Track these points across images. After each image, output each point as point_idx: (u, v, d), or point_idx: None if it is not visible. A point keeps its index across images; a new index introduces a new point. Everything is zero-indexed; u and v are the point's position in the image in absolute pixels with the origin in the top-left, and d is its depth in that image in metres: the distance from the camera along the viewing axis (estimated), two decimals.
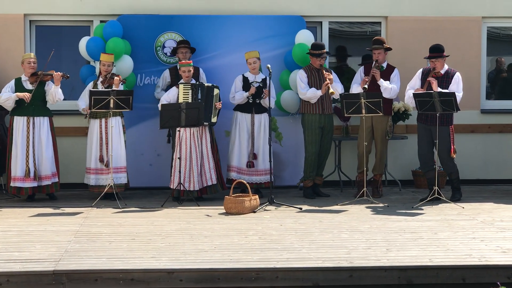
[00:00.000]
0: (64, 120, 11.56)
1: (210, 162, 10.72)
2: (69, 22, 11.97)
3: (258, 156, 11.00)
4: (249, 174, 10.98)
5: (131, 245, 7.94)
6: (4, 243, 8.00)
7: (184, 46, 11.18)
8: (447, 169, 10.75)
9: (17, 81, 10.63)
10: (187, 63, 10.71)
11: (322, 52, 10.82)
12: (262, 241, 8.13)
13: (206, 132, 10.72)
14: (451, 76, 10.57)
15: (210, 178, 10.73)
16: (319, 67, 10.88)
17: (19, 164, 10.52)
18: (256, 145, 11.01)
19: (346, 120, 11.77)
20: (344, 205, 10.32)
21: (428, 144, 10.60)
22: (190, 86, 10.64)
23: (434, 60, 10.56)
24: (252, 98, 10.93)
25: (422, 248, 7.75)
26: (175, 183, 10.57)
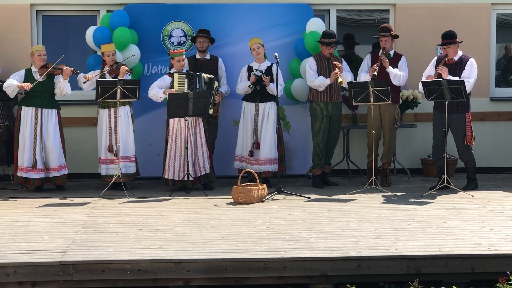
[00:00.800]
0: (71, 110, 11.52)
1: (204, 152, 10.67)
2: (75, 12, 11.93)
3: (260, 145, 10.91)
4: (251, 163, 10.92)
5: (138, 235, 7.91)
6: (12, 234, 7.99)
7: (202, 35, 11.11)
8: (463, 157, 10.63)
9: (27, 71, 10.62)
10: (179, 52, 10.67)
11: (332, 41, 10.75)
12: (270, 230, 8.09)
13: (200, 122, 10.65)
14: (465, 62, 10.48)
15: (203, 167, 10.67)
16: (329, 56, 10.82)
17: (26, 154, 10.50)
18: (259, 134, 10.94)
19: (354, 108, 11.71)
20: (353, 194, 10.26)
21: (442, 132, 10.50)
22: (185, 75, 10.58)
23: (446, 47, 10.47)
24: (253, 86, 10.84)
25: (431, 237, 7.70)
26: (170, 174, 10.51)
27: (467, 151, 10.57)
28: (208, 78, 10.71)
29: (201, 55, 11.20)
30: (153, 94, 10.65)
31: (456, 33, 10.83)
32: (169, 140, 10.56)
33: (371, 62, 11.05)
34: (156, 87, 10.63)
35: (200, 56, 11.21)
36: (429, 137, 11.87)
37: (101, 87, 10.16)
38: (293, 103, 11.65)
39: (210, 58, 11.25)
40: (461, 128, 10.46)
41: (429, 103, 11.17)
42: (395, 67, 10.95)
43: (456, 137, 10.52)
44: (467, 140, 10.44)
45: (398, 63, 11.03)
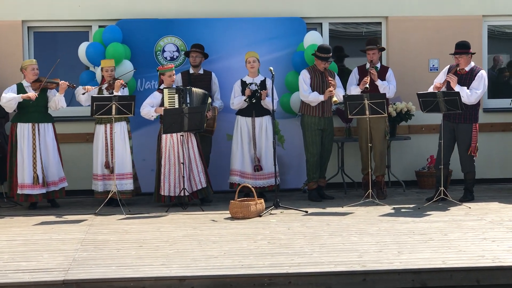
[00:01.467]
0: (65, 127, 11.44)
1: (199, 166, 10.61)
2: (67, 28, 11.88)
3: (260, 160, 10.91)
4: (253, 178, 10.89)
5: (139, 252, 7.85)
6: (11, 252, 7.90)
7: (195, 50, 11.08)
8: (464, 168, 10.63)
9: (19, 86, 10.52)
10: (169, 67, 10.63)
11: (328, 56, 10.74)
12: (271, 245, 8.05)
13: (191, 136, 10.61)
14: (475, 73, 10.50)
15: (199, 181, 10.62)
16: (323, 70, 10.81)
17: (27, 171, 10.40)
18: (258, 149, 10.92)
19: (348, 121, 11.70)
20: (350, 208, 10.24)
21: (449, 142, 10.53)
22: (175, 90, 10.54)
23: (458, 56, 10.49)
24: (249, 99, 10.82)
25: (434, 250, 7.68)
26: (166, 190, 10.46)
27: (469, 163, 10.58)
28: (201, 94, 10.67)
29: (195, 70, 11.17)
30: (145, 113, 10.60)
31: (448, 45, 10.94)
32: (162, 156, 10.50)
33: (358, 75, 11.08)
34: (148, 105, 10.58)
35: (193, 71, 11.18)
36: (423, 149, 11.99)
37: (96, 103, 10.10)
38: (287, 117, 11.64)
39: (203, 73, 11.22)
40: (467, 138, 10.48)
41: (423, 116, 11.22)
42: (382, 79, 10.99)
43: (461, 147, 10.55)
44: (471, 150, 10.45)
45: (385, 75, 11.06)
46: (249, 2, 11.86)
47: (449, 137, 10.52)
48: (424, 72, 12.06)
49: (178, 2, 11.79)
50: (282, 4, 11.90)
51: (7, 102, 10.33)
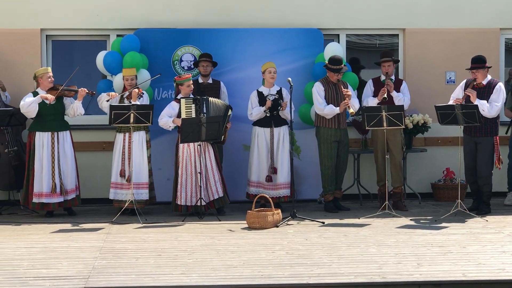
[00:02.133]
0: (82, 135, 11.48)
1: (215, 175, 10.63)
2: (85, 37, 11.94)
3: (277, 170, 10.91)
4: (268, 188, 10.90)
5: (158, 261, 7.85)
6: (30, 260, 7.92)
7: (205, 60, 11.12)
8: (482, 180, 10.64)
9: (35, 94, 10.53)
10: (187, 77, 10.65)
11: (340, 67, 10.76)
12: (290, 256, 8.04)
13: (209, 146, 10.63)
14: (493, 86, 10.53)
15: (216, 191, 10.64)
16: (336, 82, 10.82)
17: (45, 179, 10.42)
18: (275, 159, 10.94)
19: (364, 133, 11.70)
20: (367, 219, 10.24)
21: (473, 155, 10.57)
22: (192, 100, 10.57)
23: (475, 71, 10.52)
24: (269, 111, 10.86)
25: (453, 263, 7.67)
26: (183, 199, 10.47)
27: (487, 175, 10.59)
28: (222, 105, 10.69)
29: (204, 80, 11.19)
30: (163, 124, 10.63)
31: (465, 58, 10.96)
32: (180, 165, 10.52)
33: (374, 87, 11.11)
34: (166, 116, 10.60)
35: (203, 80, 11.20)
36: (439, 161, 12.00)
37: (114, 111, 10.13)
38: (304, 128, 11.65)
39: (212, 82, 11.24)
40: (488, 151, 10.52)
41: (439, 128, 11.21)
42: (397, 91, 11.04)
43: (480, 159, 10.56)
44: (496, 162, 10.47)
45: (400, 88, 11.09)
46: (267, 13, 11.90)
47: (470, 151, 10.54)
48: (441, 85, 12.06)
49: (196, 12, 11.83)
50: (299, 15, 11.93)
51: (28, 107, 10.34)
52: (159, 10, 11.79)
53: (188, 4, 11.85)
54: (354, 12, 12.05)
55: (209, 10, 11.86)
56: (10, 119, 10.72)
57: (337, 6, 12.03)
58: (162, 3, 11.81)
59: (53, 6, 11.67)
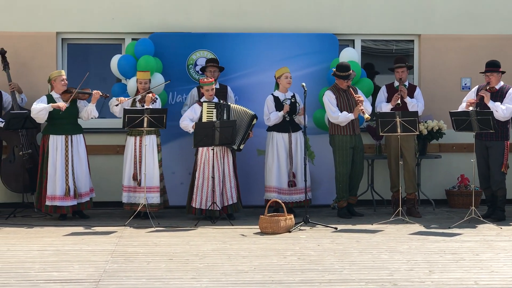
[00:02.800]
0: (96, 138, 11.50)
1: (232, 181, 10.64)
2: (101, 40, 11.96)
3: (296, 175, 10.90)
4: (289, 193, 10.89)
5: (169, 265, 7.85)
6: (42, 262, 7.94)
7: (212, 65, 11.12)
8: (496, 185, 10.59)
9: (49, 97, 10.59)
10: (209, 82, 10.64)
11: (349, 74, 10.72)
12: (301, 261, 8.02)
13: (228, 152, 10.64)
14: (506, 91, 10.51)
15: (231, 197, 10.63)
16: (346, 88, 10.79)
17: (59, 183, 10.45)
18: (294, 164, 10.92)
19: (379, 139, 11.66)
20: (380, 225, 10.20)
21: (485, 160, 10.55)
22: (214, 104, 10.57)
23: (489, 74, 10.51)
24: (288, 115, 10.85)
25: (465, 270, 7.62)
26: (197, 203, 10.47)
27: (499, 179, 10.53)
28: (247, 114, 10.69)
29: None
30: (184, 126, 10.63)
31: (481, 64, 10.89)
32: (197, 169, 10.52)
33: (387, 93, 11.09)
34: (187, 118, 10.61)
35: None
36: (454, 168, 11.93)
37: (128, 115, 10.14)
38: (318, 133, 11.62)
39: (219, 87, 11.22)
40: (500, 155, 10.47)
41: (454, 134, 11.15)
42: (410, 97, 11.02)
43: (493, 164, 10.52)
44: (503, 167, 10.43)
45: (413, 94, 11.08)
46: (281, 17, 11.88)
47: (482, 155, 10.51)
48: (456, 91, 12.00)
49: (210, 16, 11.84)
50: (314, 20, 11.91)
51: (38, 113, 10.38)
52: (174, 14, 11.80)
53: (203, 8, 11.85)
54: (369, 17, 12.01)
55: (224, 14, 11.86)
56: (25, 121, 10.75)
57: (352, 11, 12.00)
58: (177, 7, 11.82)
59: (69, 9, 11.70)
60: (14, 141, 11.16)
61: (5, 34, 11.57)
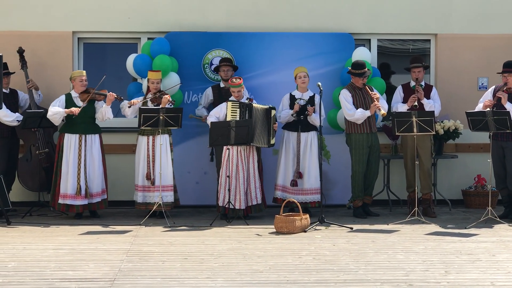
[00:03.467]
0: (111, 137, 11.52)
1: (256, 182, 10.64)
2: (117, 40, 11.99)
3: (303, 175, 10.88)
4: (294, 193, 10.87)
5: (184, 264, 7.85)
6: (57, 261, 7.96)
7: (226, 64, 11.12)
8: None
9: (67, 96, 10.67)
10: (237, 84, 10.60)
11: (364, 71, 10.69)
12: (316, 261, 8.00)
13: (254, 151, 10.64)
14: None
15: (255, 197, 10.64)
16: (362, 86, 10.76)
17: (70, 181, 10.51)
18: (301, 164, 10.90)
19: (395, 138, 11.62)
20: (396, 225, 10.17)
21: (501, 160, 10.49)
22: (238, 104, 10.57)
23: (507, 75, 10.47)
24: (297, 115, 10.82)
25: (481, 271, 7.57)
26: (221, 200, 10.48)
27: None
28: (263, 109, 10.67)
29: (226, 84, 11.16)
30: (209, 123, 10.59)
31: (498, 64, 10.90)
32: (222, 168, 10.53)
33: (403, 93, 11.04)
34: (214, 116, 10.60)
35: (224, 84, 11.19)
36: (470, 168, 11.90)
37: (143, 114, 10.15)
38: (333, 133, 11.59)
39: None
40: None
41: (470, 134, 11.12)
42: (427, 98, 10.97)
43: (509, 164, 10.46)
44: None
45: (430, 94, 11.01)
46: (297, 17, 11.87)
47: (498, 156, 10.45)
48: (473, 91, 11.95)
49: (226, 16, 11.84)
50: (330, 19, 11.89)
51: (52, 116, 10.54)
52: (190, 13, 11.81)
53: (219, 8, 11.86)
54: (386, 17, 11.99)
55: (241, 13, 11.86)
56: (41, 120, 10.80)
57: (368, 10, 11.97)
58: (193, 7, 11.83)
59: (85, 9, 11.74)
60: (31, 139, 11.20)
61: (22, 33, 11.62)
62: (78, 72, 10.74)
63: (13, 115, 10.80)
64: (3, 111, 10.64)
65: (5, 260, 8.01)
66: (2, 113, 10.67)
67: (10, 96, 11.16)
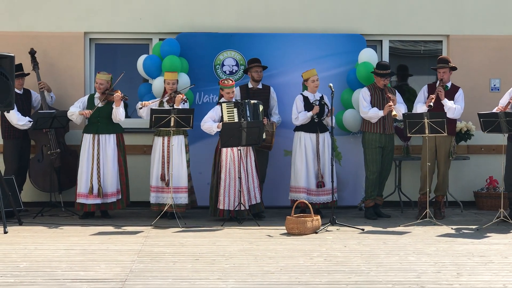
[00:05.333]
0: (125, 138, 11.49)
1: (255, 181, 10.62)
2: (128, 40, 12.00)
3: (324, 176, 10.87)
4: (317, 194, 10.86)
5: (195, 265, 7.85)
6: (69, 261, 7.97)
7: (257, 65, 11.12)
8: None
9: (90, 97, 10.83)
10: (227, 85, 10.61)
11: (387, 72, 10.68)
12: (328, 263, 7.99)
13: (251, 151, 10.62)
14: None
15: (254, 196, 10.62)
16: (383, 87, 10.75)
17: (83, 180, 10.59)
18: (322, 165, 10.89)
19: (407, 140, 11.60)
20: (407, 227, 10.14)
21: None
22: (233, 104, 10.56)
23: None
24: (317, 116, 10.82)
25: (494, 273, 7.54)
26: (226, 204, 10.45)
27: None
28: (252, 104, 10.68)
29: (254, 85, 11.18)
30: (207, 128, 10.63)
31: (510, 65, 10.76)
32: (222, 170, 10.51)
33: (427, 93, 10.95)
34: (209, 119, 10.61)
35: (252, 85, 11.20)
36: (482, 170, 11.87)
37: (155, 115, 10.16)
38: (344, 134, 11.57)
39: (262, 88, 11.24)
40: None
41: (482, 136, 11.08)
42: (451, 99, 10.81)
43: None
44: None
45: (454, 96, 10.90)
46: (309, 18, 11.86)
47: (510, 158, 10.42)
48: (485, 92, 11.92)
49: (237, 17, 11.84)
50: (342, 20, 11.87)
51: (71, 116, 10.75)
52: (201, 14, 11.81)
53: (230, 9, 11.86)
54: (397, 18, 11.96)
55: (252, 14, 11.86)
56: (52, 121, 10.83)
57: (380, 12, 11.95)
58: (204, 8, 11.83)
59: (97, 9, 11.76)
60: (42, 140, 11.24)
61: (34, 34, 11.66)
62: (98, 75, 10.81)
63: (24, 118, 10.86)
64: (15, 116, 10.72)
65: (17, 260, 8.03)
66: (15, 118, 10.76)
67: (23, 96, 11.21)
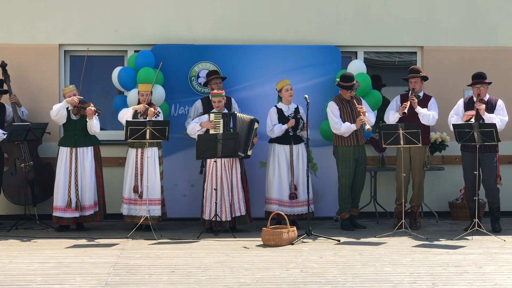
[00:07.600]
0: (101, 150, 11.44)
1: (240, 193, 10.62)
2: (104, 52, 11.95)
3: (298, 187, 10.88)
4: (291, 205, 10.86)
5: (171, 277, 7.82)
6: (44, 275, 7.91)
7: (217, 77, 11.12)
8: (491, 198, 10.61)
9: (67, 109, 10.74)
10: (220, 93, 10.64)
11: (353, 84, 10.71)
12: (304, 274, 7.99)
13: (237, 163, 10.64)
14: (495, 103, 10.67)
15: (239, 208, 10.62)
16: (349, 99, 10.77)
17: (61, 194, 10.52)
18: (295, 176, 10.89)
19: (382, 151, 11.64)
20: (383, 237, 10.16)
21: (474, 174, 10.47)
22: (221, 115, 10.58)
23: (479, 86, 10.59)
24: (292, 130, 10.83)
25: (469, 283, 7.58)
26: (207, 214, 10.46)
27: (495, 192, 10.56)
28: (248, 120, 10.69)
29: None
30: (190, 129, 10.64)
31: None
32: (206, 180, 10.51)
33: (400, 103, 11.00)
34: (193, 122, 10.62)
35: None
36: (457, 180, 11.88)
37: (130, 127, 10.13)
38: (321, 145, 11.59)
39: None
40: (493, 167, 10.48)
41: (457, 146, 11.12)
42: (424, 107, 10.90)
43: (486, 176, 10.51)
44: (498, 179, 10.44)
45: (427, 104, 10.97)
46: (284, 29, 11.89)
47: (473, 168, 10.43)
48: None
49: (213, 29, 11.85)
50: (317, 32, 11.91)
51: (58, 113, 10.53)
52: (176, 26, 11.81)
53: (205, 21, 11.86)
54: (372, 29, 12.02)
55: (227, 26, 11.87)
56: (27, 133, 10.75)
57: (355, 23, 12.01)
58: (179, 19, 11.83)
59: (72, 21, 11.72)
60: (15, 153, 11.16)
61: (7, 46, 11.59)
62: (66, 88, 10.74)
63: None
64: None
65: None
66: None
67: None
